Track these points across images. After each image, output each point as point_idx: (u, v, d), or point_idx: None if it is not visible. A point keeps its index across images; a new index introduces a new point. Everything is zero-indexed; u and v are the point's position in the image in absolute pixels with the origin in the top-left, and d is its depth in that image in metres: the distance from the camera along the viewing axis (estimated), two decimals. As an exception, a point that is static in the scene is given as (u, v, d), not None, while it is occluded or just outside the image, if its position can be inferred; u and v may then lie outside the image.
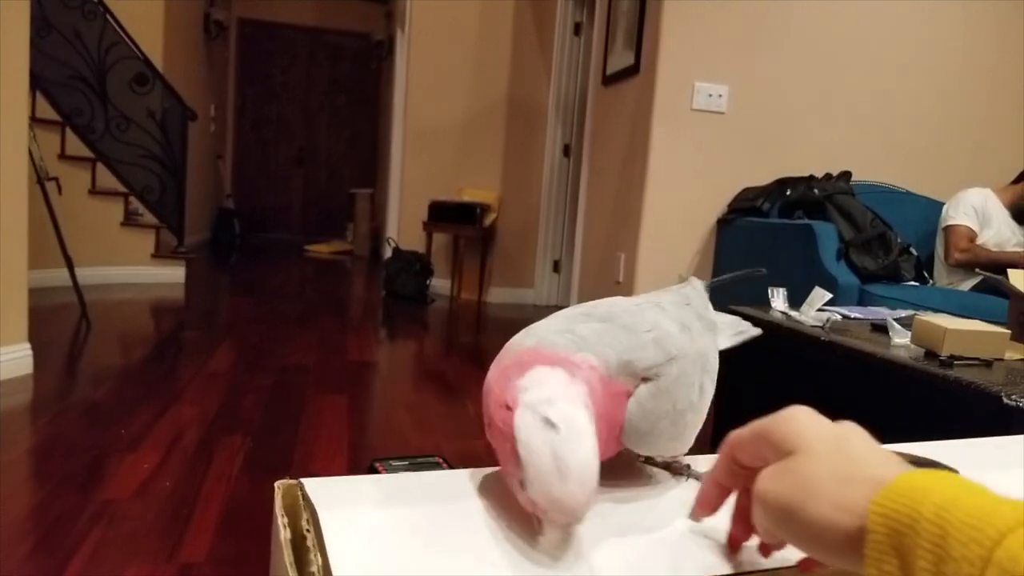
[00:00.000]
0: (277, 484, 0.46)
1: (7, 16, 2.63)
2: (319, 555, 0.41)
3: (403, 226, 5.64)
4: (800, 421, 0.38)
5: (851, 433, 0.37)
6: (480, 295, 5.49)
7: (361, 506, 0.46)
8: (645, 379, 0.47)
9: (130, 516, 1.74)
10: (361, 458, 2.21)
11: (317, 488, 0.46)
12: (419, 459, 2.19)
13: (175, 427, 2.35)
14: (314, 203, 9.05)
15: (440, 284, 5.53)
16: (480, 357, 3.84)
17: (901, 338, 1.60)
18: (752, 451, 0.40)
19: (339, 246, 8.13)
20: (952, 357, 1.44)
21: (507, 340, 0.51)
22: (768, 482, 0.36)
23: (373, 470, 2.09)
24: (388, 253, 5.61)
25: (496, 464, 0.49)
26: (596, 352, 0.46)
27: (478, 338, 4.45)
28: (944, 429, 1.39)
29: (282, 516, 0.44)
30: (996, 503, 0.28)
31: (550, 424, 0.39)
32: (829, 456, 0.35)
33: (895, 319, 1.71)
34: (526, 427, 0.40)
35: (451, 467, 2.12)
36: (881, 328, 1.73)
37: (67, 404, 2.53)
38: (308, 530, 0.43)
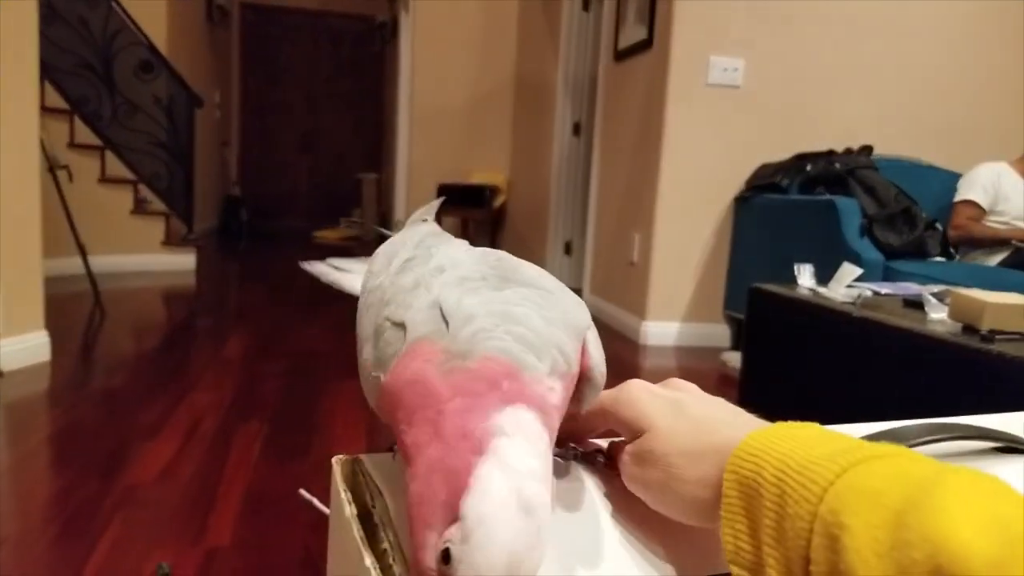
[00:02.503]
0: (335, 460, 0.45)
1: (16, 6, 2.59)
2: (390, 531, 0.39)
3: (411, 210, 5.59)
4: (639, 399, 0.39)
5: (685, 398, 0.39)
6: (491, 278, 5.46)
7: None
8: None
9: (153, 502, 1.72)
10: (380, 442, 2.19)
11: (376, 464, 0.45)
12: (440, 442, 2.17)
13: (193, 414, 2.33)
14: (320, 188, 9.01)
15: (451, 267, 5.50)
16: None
17: (938, 313, 1.57)
18: (604, 426, 0.42)
19: (346, 231, 8.10)
20: (992, 331, 1.40)
21: None
22: (631, 467, 0.38)
23: (395, 452, 2.07)
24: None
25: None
26: (556, 346, 0.35)
27: (491, 321, 4.42)
28: (985, 404, 1.35)
29: (345, 492, 0.43)
30: (825, 456, 0.29)
31: (526, 509, 0.29)
32: (673, 432, 0.36)
33: (932, 293, 1.67)
34: (496, 498, 0.29)
35: (473, 449, 2.10)
36: (915, 304, 1.69)
37: (85, 391, 2.51)
38: (373, 506, 0.41)
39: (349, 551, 0.40)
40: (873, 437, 0.45)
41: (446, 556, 0.29)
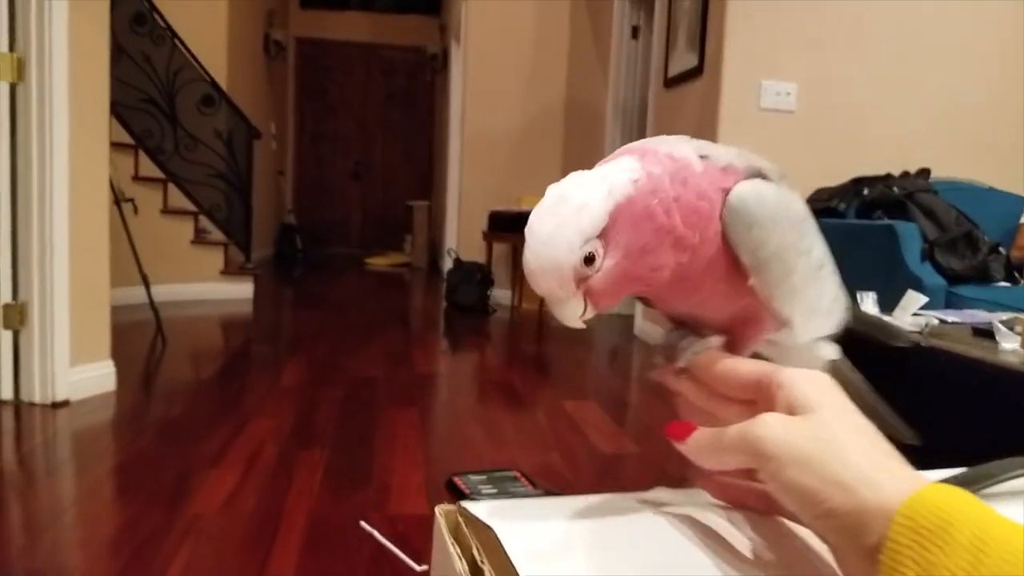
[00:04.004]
0: (438, 510, 0.44)
1: (90, 47, 2.71)
2: None
3: (462, 237, 5.65)
4: (823, 385, 0.35)
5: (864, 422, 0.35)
6: (541, 304, 5.46)
7: (539, 527, 0.42)
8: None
9: (218, 531, 1.75)
10: (437, 472, 2.19)
11: (480, 512, 0.42)
12: (496, 473, 2.17)
13: (254, 442, 2.37)
14: (372, 216, 9.16)
15: (501, 294, 5.52)
16: (544, 367, 3.81)
17: (1010, 343, 1.52)
18: (742, 391, 0.37)
19: (397, 258, 8.21)
20: (1071, 362, 1.35)
21: (568, 349, 0.46)
22: (778, 427, 0.33)
23: (452, 484, 2.07)
24: (449, 264, 5.63)
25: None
26: (699, 148, 0.39)
27: (540, 348, 4.42)
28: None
29: (453, 545, 0.41)
30: None
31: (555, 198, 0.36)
32: (854, 429, 0.33)
33: (1002, 321, 1.62)
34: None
35: (529, 481, 2.09)
36: (985, 332, 1.64)
37: (149, 420, 2.58)
38: (483, 561, 0.39)
39: None
40: (953, 479, 0.44)
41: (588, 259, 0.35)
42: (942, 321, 1.90)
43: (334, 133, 8.98)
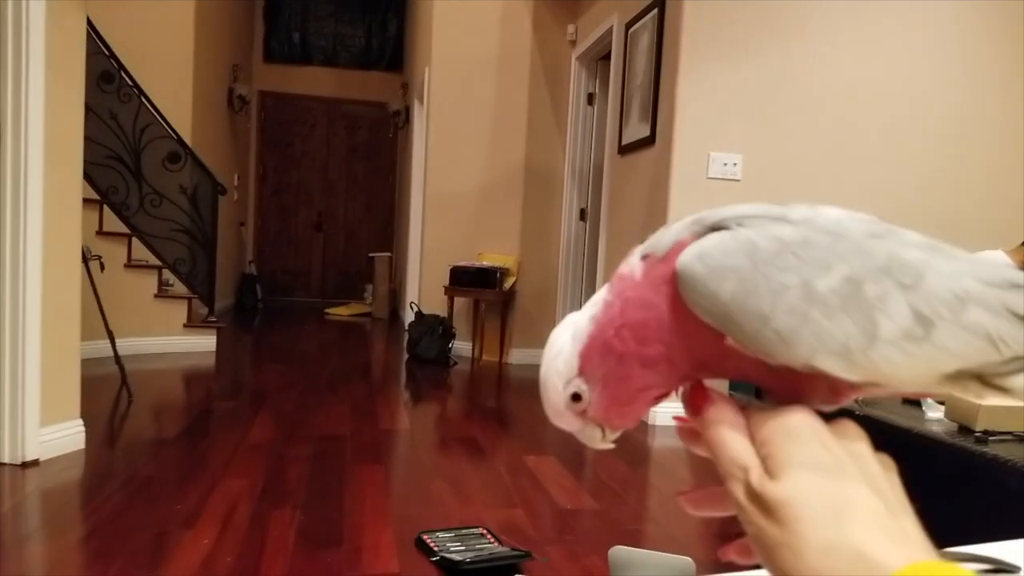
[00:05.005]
0: None
1: (65, 111, 2.81)
2: None
3: (424, 290, 5.77)
4: (800, 436, 0.32)
5: (848, 465, 0.32)
6: (501, 356, 5.59)
7: None
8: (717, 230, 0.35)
9: (197, 593, 1.82)
10: (406, 529, 2.28)
11: None
12: (464, 530, 2.27)
13: (226, 501, 2.43)
14: (333, 266, 9.23)
15: (462, 346, 5.63)
16: (505, 420, 3.92)
17: (935, 412, 1.69)
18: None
19: (358, 308, 8.27)
20: (986, 432, 1.53)
21: (528, 403, 0.45)
22: (747, 501, 0.32)
23: (421, 542, 2.17)
24: (410, 317, 5.73)
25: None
26: (646, 246, 0.37)
27: (501, 401, 4.53)
28: (979, 504, 1.47)
29: None
30: None
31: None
32: (816, 502, 0.30)
33: (923, 391, 1.80)
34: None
35: (496, 538, 2.19)
36: (913, 401, 1.82)
37: (120, 480, 2.61)
38: None
39: None
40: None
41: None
42: (873, 386, 2.08)
43: (297, 185, 9.08)
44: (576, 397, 0.37)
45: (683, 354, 0.35)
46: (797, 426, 0.33)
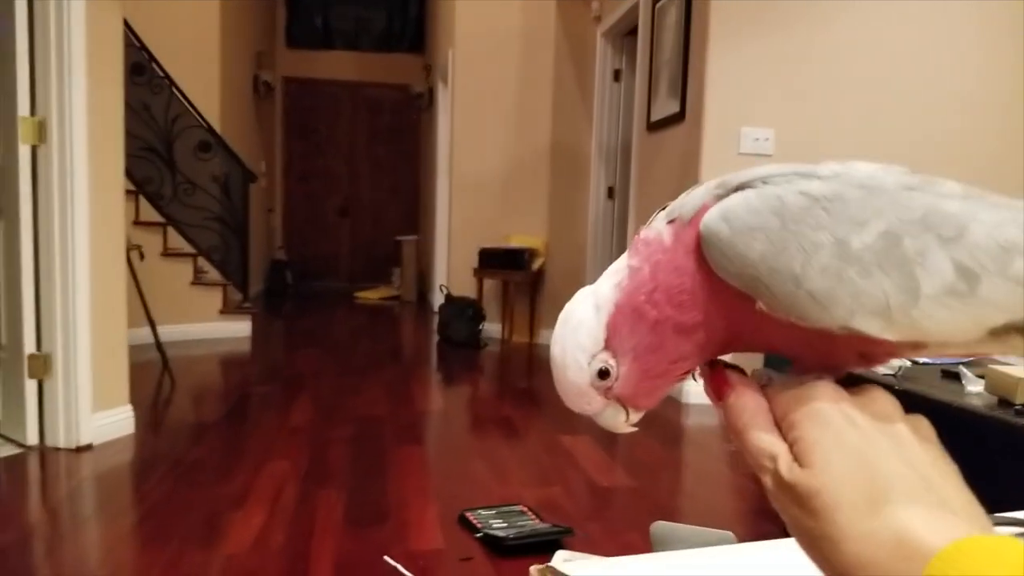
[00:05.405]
0: (533, 570, 0.46)
1: (107, 107, 2.87)
2: None
3: (453, 272, 5.82)
4: (823, 418, 0.31)
5: (882, 440, 0.31)
6: (531, 337, 5.63)
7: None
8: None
9: (252, 570, 1.89)
10: (448, 507, 2.33)
11: (569, 568, 0.47)
12: (504, 508, 2.32)
13: (273, 482, 2.50)
14: (360, 250, 9.31)
15: (492, 328, 5.68)
16: (538, 401, 3.96)
17: (974, 386, 1.70)
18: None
19: (386, 291, 8.35)
20: (1026, 404, 1.53)
21: None
22: (779, 491, 0.31)
23: (464, 519, 2.22)
24: (440, 299, 5.78)
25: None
26: (671, 210, 0.35)
27: (532, 382, 4.57)
28: (1021, 476, 1.48)
29: None
30: None
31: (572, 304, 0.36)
32: (849, 491, 0.29)
33: (964, 364, 1.81)
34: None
35: (536, 515, 2.24)
36: (952, 375, 1.83)
37: (170, 463, 2.70)
38: None
39: None
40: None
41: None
42: (914, 363, 2.08)
43: (322, 170, 9.15)
44: (603, 374, 0.34)
45: (717, 323, 0.34)
46: (823, 407, 0.31)
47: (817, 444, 0.30)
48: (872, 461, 0.29)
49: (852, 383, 0.33)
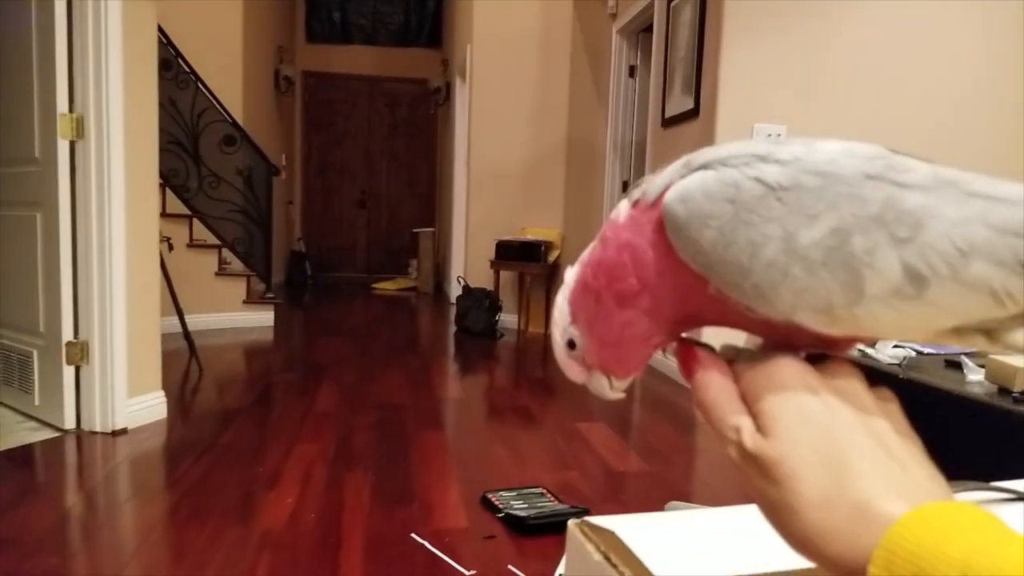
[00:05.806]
0: (571, 524, 0.45)
1: (142, 103, 2.98)
2: None
3: (470, 264, 5.92)
4: (784, 388, 0.31)
5: (843, 409, 0.31)
6: (547, 329, 5.72)
7: (657, 533, 0.45)
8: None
9: (288, 545, 2.00)
10: (471, 489, 2.44)
11: (608, 524, 0.45)
12: (525, 490, 2.42)
13: (303, 464, 2.61)
14: (377, 242, 9.45)
15: (508, 319, 5.78)
16: (554, 389, 4.05)
17: (975, 375, 1.78)
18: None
19: (404, 283, 8.47)
20: (1024, 393, 1.61)
21: None
22: (742, 458, 0.31)
23: (486, 500, 2.33)
24: (457, 291, 5.89)
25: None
26: (639, 191, 0.36)
27: (548, 371, 4.66)
28: (1020, 462, 1.56)
29: (595, 551, 0.42)
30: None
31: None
32: (809, 459, 0.29)
33: (966, 354, 1.89)
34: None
35: (556, 497, 2.34)
36: (954, 364, 1.91)
37: (203, 446, 2.81)
38: (614, 563, 0.41)
39: None
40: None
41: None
42: (919, 352, 2.16)
43: (341, 163, 9.28)
44: (571, 344, 0.37)
45: (670, 297, 0.35)
46: (785, 378, 0.31)
47: (779, 415, 0.30)
48: (834, 431, 0.30)
49: (819, 358, 0.34)
